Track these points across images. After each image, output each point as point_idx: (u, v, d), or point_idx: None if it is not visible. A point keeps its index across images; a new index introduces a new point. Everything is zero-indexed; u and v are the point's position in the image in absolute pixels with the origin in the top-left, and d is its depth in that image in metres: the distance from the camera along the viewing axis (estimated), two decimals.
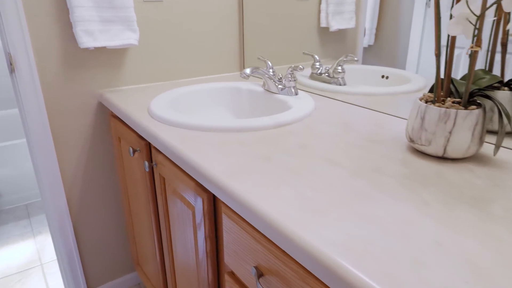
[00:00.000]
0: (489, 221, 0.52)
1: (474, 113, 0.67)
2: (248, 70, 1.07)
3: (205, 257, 0.80)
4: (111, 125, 1.25)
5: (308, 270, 0.52)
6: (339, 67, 1.19)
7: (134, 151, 1.03)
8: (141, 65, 1.30)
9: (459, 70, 0.88)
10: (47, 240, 1.96)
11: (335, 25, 1.20)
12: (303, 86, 1.28)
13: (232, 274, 0.75)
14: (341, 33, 1.17)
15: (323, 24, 1.25)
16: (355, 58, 1.14)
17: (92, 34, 1.12)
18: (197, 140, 0.82)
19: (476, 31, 0.63)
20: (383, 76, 1.10)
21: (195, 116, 0.91)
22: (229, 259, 0.72)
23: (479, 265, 0.43)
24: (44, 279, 1.67)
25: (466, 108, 0.68)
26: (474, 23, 0.63)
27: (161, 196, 0.98)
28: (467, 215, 0.53)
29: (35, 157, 1.23)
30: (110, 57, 1.24)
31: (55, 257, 1.81)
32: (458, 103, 0.71)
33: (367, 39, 1.11)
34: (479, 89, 0.72)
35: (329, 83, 1.22)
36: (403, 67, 1.00)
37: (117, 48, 1.24)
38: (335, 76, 1.20)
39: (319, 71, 1.26)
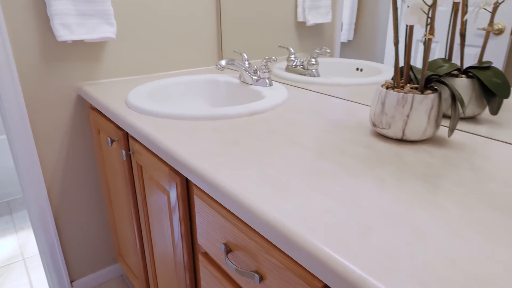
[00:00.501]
0: (437, 194, 0.56)
1: (429, 97, 0.71)
2: (223, 62, 1.10)
3: (180, 240, 0.83)
4: (90, 118, 1.27)
5: (270, 242, 0.56)
6: (313, 59, 1.23)
7: (112, 141, 1.06)
8: (120, 58, 1.32)
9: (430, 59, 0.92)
10: (29, 235, 1.96)
11: (311, 20, 1.24)
12: (279, 78, 1.32)
13: (205, 255, 0.78)
14: (318, 27, 1.20)
15: (300, 19, 1.28)
16: (328, 50, 1.18)
17: (69, 27, 1.13)
18: (172, 128, 0.85)
19: (429, 20, 0.68)
20: (357, 69, 1.15)
21: (171, 106, 0.93)
22: (202, 239, 0.75)
23: (421, 231, 0.47)
24: (27, 272, 1.68)
25: (422, 93, 0.73)
26: (427, 12, 0.67)
27: (139, 184, 1.00)
28: (418, 189, 0.58)
29: (15, 151, 1.24)
30: (88, 50, 1.25)
31: (37, 252, 1.82)
32: (416, 88, 0.76)
33: (346, 34, 1.14)
34: (436, 75, 0.76)
35: (304, 74, 1.26)
36: (381, 61, 1.04)
37: (95, 42, 1.26)
38: (309, 68, 1.24)
39: (294, 64, 1.30)
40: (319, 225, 0.49)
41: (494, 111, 0.83)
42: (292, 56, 1.30)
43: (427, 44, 0.70)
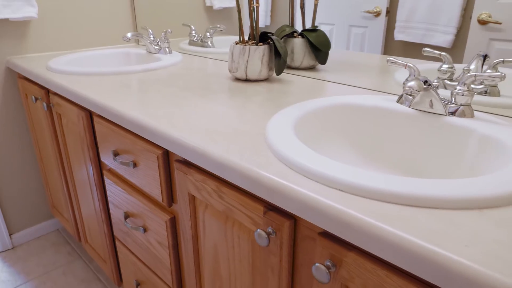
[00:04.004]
0: (248, 102, 0.87)
1: (261, 48, 1.03)
2: (129, 34, 1.37)
3: (90, 164, 1.10)
4: (19, 85, 1.48)
5: (136, 134, 0.84)
6: (208, 34, 1.53)
7: (36, 99, 1.29)
8: (45, 36, 1.54)
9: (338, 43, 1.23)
10: None
11: (217, 4, 1.52)
12: (183, 50, 1.60)
13: (109, 170, 1.05)
14: (228, 11, 1.47)
15: (207, 3, 1.56)
16: (217, 26, 1.48)
17: None
18: (82, 81, 1.10)
19: None
20: None
21: (83, 68, 1.19)
22: (103, 156, 1.02)
23: (222, 116, 0.78)
24: None
25: (257, 45, 1.04)
26: None
27: (59, 130, 1.25)
28: (238, 102, 0.88)
29: None
30: (15, 28, 1.46)
31: None
32: (256, 43, 1.07)
33: (263, 20, 1.42)
34: (269, 33, 1.08)
35: (202, 46, 1.55)
36: None
37: (20, 21, 1.47)
38: (205, 41, 1.54)
39: (195, 38, 1.59)
40: (163, 117, 0.78)
41: (322, 62, 1.16)
42: (193, 32, 1.59)
43: (256, 11, 1.02)
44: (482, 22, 0.83)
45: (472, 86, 0.86)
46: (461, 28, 0.87)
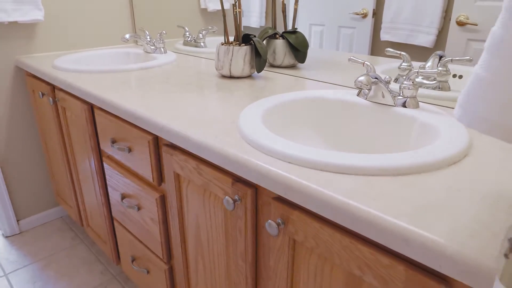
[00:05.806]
0: (231, 96, 1.00)
1: (243, 48, 1.15)
2: (127, 36, 1.50)
3: (91, 152, 1.23)
4: (27, 82, 1.61)
5: (132, 124, 0.97)
6: (200, 35, 1.65)
7: (43, 94, 1.42)
8: (51, 37, 1.67)
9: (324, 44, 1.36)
10: None
11: (211, 6, 1.64)
12: (178, 50, 1.73)
13: (108, 157, 1.18)
14: (221, 13, 1.58)
15: (202, 6, 1.68)
16: (209, 27, 1.60)
17: (6, 11, 1.47)
18: (85, 78, 1.23)
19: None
20: None
21: (85, 66, 1.32)
22: (103, 144, 1.15)
23: (205, 107, 0.90)
24: None
25: (240, 45, 1.16)
26: None
27: (64, 123, 1.38)
28: (221, 95, 1.01)
29: None
30: (23, 30, 1.59)
31: None
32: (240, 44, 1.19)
33: (258, 21, 1.54)
34: (252, 35, 1.20)
35: (195, 46, 1.68)
36: None
37: (28, 23, 1.60)
38: (198, 41, 1.66)
39: (188, 39, 1.71)
40: (154, 108, 0.91)
41: (301, 60, 1.28)
42: (187, 33, 1.72)
43: (238, 15, 1.14)
44: (460, 24, 0.89)
45: (424, 81, 0.99)
46: (442, 29, 0.92)
